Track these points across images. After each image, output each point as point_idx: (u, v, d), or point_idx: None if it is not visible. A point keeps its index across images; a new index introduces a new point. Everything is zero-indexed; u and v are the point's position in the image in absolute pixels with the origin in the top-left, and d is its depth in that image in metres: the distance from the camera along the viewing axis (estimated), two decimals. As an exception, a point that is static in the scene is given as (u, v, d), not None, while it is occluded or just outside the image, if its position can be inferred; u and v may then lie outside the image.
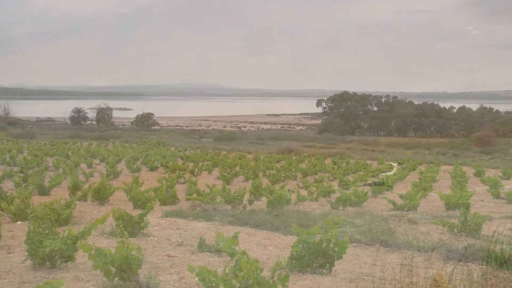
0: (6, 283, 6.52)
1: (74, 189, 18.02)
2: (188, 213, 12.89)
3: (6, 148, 39.69)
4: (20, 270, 7.12)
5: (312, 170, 30.60)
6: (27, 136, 66.85)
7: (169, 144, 58.45)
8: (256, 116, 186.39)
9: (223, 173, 26.17)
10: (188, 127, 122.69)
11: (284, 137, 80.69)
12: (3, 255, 8.10)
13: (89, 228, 7.15)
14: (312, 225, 10.82)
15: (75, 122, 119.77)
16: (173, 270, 7.12)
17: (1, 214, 12.54)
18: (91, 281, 6.55)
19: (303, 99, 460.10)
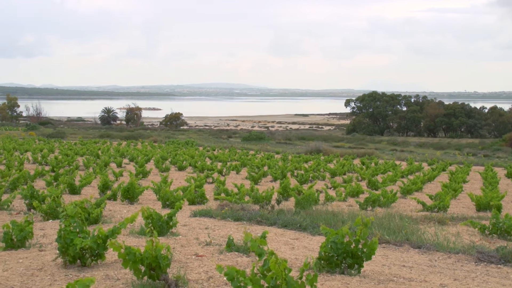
0: (38, 281, 6.62)
1: (104, 188, 18.19)
2: (216, 213, 12.92)
3: (38, 148, 40.25)
4: (52, 268, 7.21)
5: (340, 170, 30.45)
6: (58, 136, 67.75)
7: (197, 144, 58.70)
8: (284, 116, 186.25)
9: (251, 173, 26.16)
10: (217, 127, 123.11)
11: (312, 137, 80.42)
12: (35, 253, 8.22)
13: (118, 227, 7.21)
14: (340, 225, 10.77)
15: (105, 121, 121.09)
16: (201, 270, 7.15)
17: (33, 213, 12.75)
18: (121, 280, 6.60)
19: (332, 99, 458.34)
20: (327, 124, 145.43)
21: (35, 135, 66.65)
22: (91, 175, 20.71)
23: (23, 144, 44.75)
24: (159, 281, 6.27)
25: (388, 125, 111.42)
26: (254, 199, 16.30)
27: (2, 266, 7.32)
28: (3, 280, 6.59)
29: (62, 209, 7.79)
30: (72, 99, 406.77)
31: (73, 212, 7.42)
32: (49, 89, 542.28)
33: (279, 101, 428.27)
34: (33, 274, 6.89)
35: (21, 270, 7.07)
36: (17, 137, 58.66)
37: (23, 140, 53.78)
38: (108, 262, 7.58)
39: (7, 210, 13.49)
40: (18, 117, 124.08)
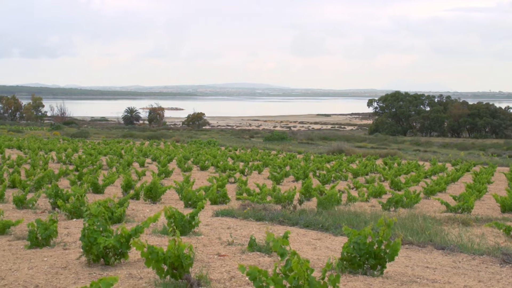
0: (62, 279, 6.69)
1: (127, 188, 18.31)
2: (238, 213, 12.94)
3: (62, 147, 40.66)
4: (76, 266, 7.28)
5: (363, 171, 30.30)
6: (82, 135, 68.42)
7: (219, 143, 58.85)
8: (306, 116, 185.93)
9: (273, 173, 26.15)
10: (239, 127, 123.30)
11: (335, 137, 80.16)
12: (60, 251, 8.30)
13: (141, 226, 7.26)
14: (363, 226, 10.72)
15: (128, 121, 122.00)
16: (223, 269, 7.16)
17: (57, 211, 12.88)
18: (144, 279, 6.65)
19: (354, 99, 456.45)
20: (349, 124, 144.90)
21: (59, 135, 67.37)
22: (114, 175, 20.86)
23: (47, 143, 45.25)
24: (182, 281, 6.30)
25: (411, 125, 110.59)
26: (276, 199, 16.29)
27: (28, 264, 7.41)
28: (28, 278, 6.67)
29: (86, 208, 7.87)
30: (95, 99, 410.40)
31: (97, 211, 7.48)
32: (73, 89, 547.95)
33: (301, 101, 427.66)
34: (57, 273, 6.97)
35: (46, 268, 7.15)
36: (42, 137, 59.38)
37: (48, 139, 54.39)
38: (131, 261, 7.64)
39: (32, 209, 13.65)
40: (43, 117, 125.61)
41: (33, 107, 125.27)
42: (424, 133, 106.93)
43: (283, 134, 78.44)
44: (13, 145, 42.12)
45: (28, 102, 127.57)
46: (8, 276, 6.77)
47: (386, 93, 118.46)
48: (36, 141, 48.88)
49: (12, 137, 54.46)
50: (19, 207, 13.64)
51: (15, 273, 6.93)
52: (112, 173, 22.24)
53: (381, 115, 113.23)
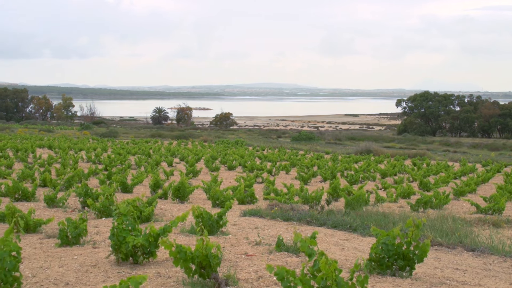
0: (92, 277, 6.76)
1: (155, 187, 18.44)
2: (266, 213, 12.94)
3: (92, 147, 41.12)
4: (105, 265, 7.36)
5: (391, 171, 30.07)
6: (111, 135, 69.12)
7: (247, 143, 58.94)
8: (334, 116, 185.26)
9: (300, 173, 26.10)
10: (266, 126, 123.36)
11: (363, 137, 79.71)
12: (89, 250, 8.40)
13: (170, 225, 7.30)
14: (391, 227, 10.64)
15: (156, 121, 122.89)
16: (251, 269, 7.17)
17: (87, 210, 13.03)
18: (172, 278, 6.68)
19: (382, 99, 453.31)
20: (377, 124, 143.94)
21: (89, 135, 68.13)
22: (143, 174, 21.02)
23: (77, 143, 45.81)
24: (209, 280, 6.32)
25: (441, 126, 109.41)
26: (304, 199, 16.26)
27: (58, 262, 7.51)
28: (59, 275, 6.76)
29: (115, 207, 7.94)
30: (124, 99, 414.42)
31: (126, 210, 7.54)
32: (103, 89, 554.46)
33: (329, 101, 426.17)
34: (87, 271, 7.04)
35: (76, 266, 7.24)
36: (72, 136, 60.12)
37: (78, 139, 55.07)
38: (159, 260, 7.69)
39: (62, 208, 13.83)
40: (73, 116, 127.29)
41: (64, 107, 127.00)
42: (454, 134, 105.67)
43: (310, 134, 78.25)
44: (44, 144, 42.72)
45: (59, 102, 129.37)
46: (40, 273, 6.87)
47: (415, 93, 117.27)
48: (66, 140, 49.51)
49: (43, 137, 55.25)
50: (50, 205, 13.83)
51: (46, 270, 7.03)
52: (141, 173, 22.42)
53: (410, 115, 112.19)
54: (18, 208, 10.40)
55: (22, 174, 19.79)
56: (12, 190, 14.86)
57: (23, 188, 14.98)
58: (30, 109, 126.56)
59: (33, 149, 34.63)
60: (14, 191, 14.87)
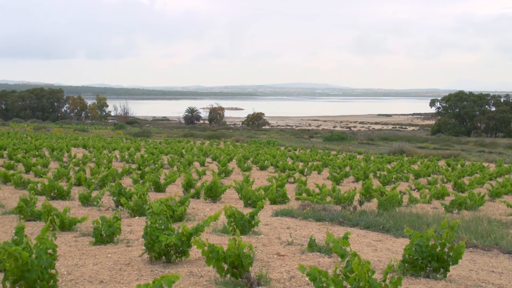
0: (125, 275, 6.83)
1: (188, 187, 18.55)
2: (298, 213, 12.91)
3: (125, 146, 41.56)
4: (138, 263, 7.43)
5: (424, 172, 29.74)
6: (144, 135, 69.77)
7: (279, 143, 58.90)
8: (366, 116, 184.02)
9: (333, 173, 25.98)
10: (298, 127, 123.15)
11: (396, 137, 78.94)
12: (123, 248, 8.49)
13: (202, 225, 7.33)
14: (425, 228, 10.53)
15: (189, 121, 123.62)
16: (283, 269, 7.16)
17: (120, 209, 13.18)
18: (204, 277, 6.71)
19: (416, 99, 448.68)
20: (411, 125, 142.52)
21: (122, 134, 68.89)
22: (175, 174, 21.16)
23: (111, 142, 46.35)
24: (242, 279, 6.33)
25: (476, 126, 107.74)
26: (336, 199, 16.19)
27: (93, 260, 7.61)
28: (93, 273, 6.85)
29: (148, 206, 8.02)
30: (157, 99, 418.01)
31: (159, 209, 7.61)
32: (136, 90, 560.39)
33: (362, 101, 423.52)
34: (121, 269, 7.12)
35: (110, 265, 7.32)
36: (106, 136, 60.86)
37: (111, 138, 55.72)
38: (192, 259, 7.73)
39: (97, 206, 14.00)
40: (106, 116, 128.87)
41: (98, 107, 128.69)
42: (489, 134, 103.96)
43: (343, 134, 77.80)
44: (79, 144, 43.33)
45: (93, 102, 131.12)
46: (75, 271, 6.97)
47: (449, 93, 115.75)
48: (101, 140, 50.14)
49: (78, 136, 56.05)
50: (84, 204, 14.03)
51: (81, 268, 7.13)
52: (173, 172, 22.58)
53: (444, 115, 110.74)
54: (54, 207, 10.56)
55: (58, 173, 20.10)
56: (48, 189, 15.11)
57: (58, 187, 15.22)
58: (65, 109, 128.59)
59: (68, 149, 35.17)
60: (50, 189, 15.12)
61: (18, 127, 76.88)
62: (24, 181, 17.79)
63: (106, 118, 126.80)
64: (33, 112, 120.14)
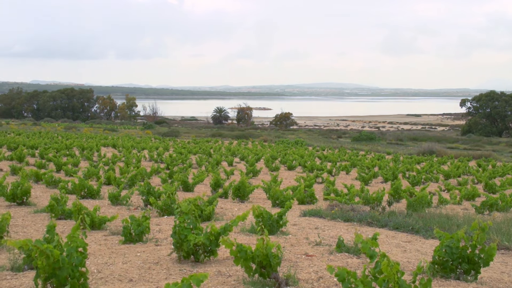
0: (154, 274, 6.88)
1: (216, 186, 18.61)
2: (326, 213, 12.87)
3: (154, 146, 41.86)
4: (167, 262, 7.48)
5: (455, 173, 29.39)
6: (173, 135, 70.19)
7: (307, 143, 58.76)
8: (395, 116, 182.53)
9: (361, 173, 25.82)
10: (326, 127, 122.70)
11: (425, 138, 78.19)
12: (152, 247, 8.55)
13: (230, 224, 7.35)
14: (455, 229, 10.40)
15: (217, 121, 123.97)
16: (311, 269, 7.14)
17: (149, 208, 13.28)
18: (232, 276, 6.73)
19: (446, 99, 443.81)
20: (440, 125, 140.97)
21: (151, 134, 69.40)
22: (204, 173, 21.24)
23: (140, 142, 46.72)
24: (270, 279, 6.33)
25: (507, 126, 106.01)
26: (364, 200, 16.08)
27: (122, 258, 7.68)
28: (123, 272, 6.91)
29: (176, 205, 8.05)
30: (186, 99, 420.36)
31: (187, 209, 7.64)
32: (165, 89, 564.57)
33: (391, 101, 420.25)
34: (150, 268, 7.18)
35: (139, 263, 7.38)
36: (135, 136, 61.39)
37: (140, 138, 56.16)
38: (220, 259, 7.75)
39: (126, 205, 14.13)
40: (136, 116, 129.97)
41: (127, 106, 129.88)
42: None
43: (371, 134, 77.28)
44: (108, 143, 43.77)
45: (122, 102, 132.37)
46: (104, 269, 7.04)
47: (480, 93, 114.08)
48: (130, 139, 50.59)
49: (108, 136, 56.62)
50: (114, 203, 14.17)
51: (110, 267, 7.20)
52: (202, 172, 22.67)
53: (474, 115, 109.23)
54: (84, 206, 10.69)
55: (88, 172, 20.34)
56: (78, 188, 15.30)
57: (88, 186, 15.41)
58: (95, 109, 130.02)
59: (98, 148, 35.55)
60: (80, 188, 15.31)
61: (49, 126, 78.01)
62: (55, 180, 18.05)
63: (135, 118, 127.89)
64: (64, 112, 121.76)
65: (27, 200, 13.86)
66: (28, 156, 30.07)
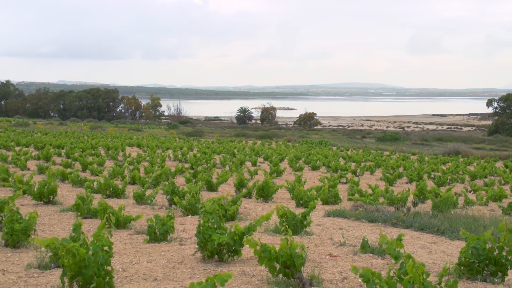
0: (179, 273, 6.91)
1: (240, 186, 18.63)
2: (350, 213, 12.81)
3: (178, 146, 42.06)
4: (191, 262, 7.50)
5: (481, 173, 29.05)
6: (197, 134, 70.46)
7: (331, 143, 58.56)
8: (420, 116, 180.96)
9: (386, 174, 25.66)
10: (350, 127, 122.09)
11: (451, 138, 77.38)
12: (176, 247, 8.59)
13: (254, 224, 7.35)
14: (481, 230, 10.29)
15: (241, 121, 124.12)
16: (335, 270, 7.11)
17: (174, 208, 13.35)
18: (256, 276, 6.73)
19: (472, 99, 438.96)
20: (466, 125, 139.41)
21: (175, 134, 69.74)
22: (228, 173, 21.28)
23: (164, 142, 46.98)
24: (294, 280, 6.32)
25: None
26: (389, 200, 15.98)
27: (147, 257, 7.73)
28: (147, 271, 6.96)
29: (201, 205, 8.09)
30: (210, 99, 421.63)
31: (212, 208, 7.66)
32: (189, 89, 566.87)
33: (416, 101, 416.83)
34: (174, 267, 7.21)
35: (163, 262, 7.42)
36: (159, 136, 61.75)
37: (165, 138, 56.48)
38: (244, 259, 7.76)
39: (150, 205, 14.22)
40: (160, 116, 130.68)
41: (152, 106, 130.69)
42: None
43: (396, 134, 76.71)
44: (133, 143, 44.09)
45: (147, 102, 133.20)
46: (129, 268, 7.10)
47: (507, 93, 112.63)
48: (154, 139, 50.91)
49: (132, 136, 57.06)
50: (139, 202, 14.26)
51: (135, 265, 7.25)
52: (226, 172, 22.72)
53: (501, 115, 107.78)
54: (109, 205, 10.78)
55: (113, 171, 20.51)
56: (104, 187, 15.44)
57: (113, 185, 15.54)
58: (120, 109, 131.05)
59: (123, 148, 35.85)
60: (106, 188, 15.45)
61: (75, 126, 78.84)
62: (80, 179, 18.24)
63: (159, 118, 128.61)
64: (89, 111, 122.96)
65: (54, 199, 14.02)
66: (55, 156, 30.42)
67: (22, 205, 13.38)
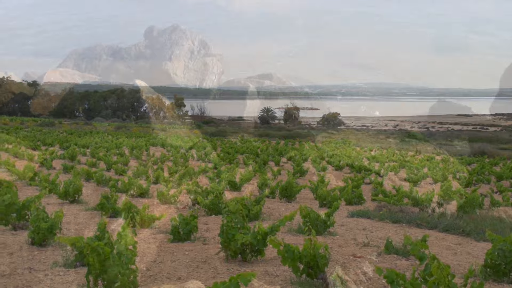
0: (202, 272, 6.94)
1: (263, 186, 18.62)
2: (374, 214, 12.73)
3: (202, 146, 42.23)
4: (214, 261, 7.52)
5: (507, 174, 28.67)
6: (220, 134, 70.67)
7: (354, 144, 58.30)
8: (445, 116, 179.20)
9: (410, 174, 25.46)
10: (374, 127, 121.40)
11: (476, 138, 76.52)
12: (199, 246, 8.62)
13: (278, 224, 7.35)
14: (508, 232, 10.14)
15: (264, 121, 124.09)
16: (359, 271, 7.08)
17: (197, 208, 13.40)
18: (280, 276, 6.73)
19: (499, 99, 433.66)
20: (492, 125, 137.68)
21: (199, 133, 69.99)
22: (251, 173, 21.28)
23: (188, 142, 47.18)
24: (317, 280, 6.31)
25: None
26: (413, 201, 15.84)
27: (170, 257, 7.77)
28: (171, 270, 6.99)
29: (224, 205, 8.11)
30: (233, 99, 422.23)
31: (235, 208, 7.69)
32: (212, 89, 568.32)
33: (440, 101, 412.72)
34: (197, 266, 7.24)
35: (187, 262, 7.46)
36: (183, 135, 62.02)
37: (189, 138, 56.71)
38: (267, 259, 7.76)
39: (174, 204, 14.29)
40: (184, 116, 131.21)
41: (175, 106, 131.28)
42: None
43: (420, 134, 76.10)
44: (157, 143, 44.37)
45: (171, 102, 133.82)
46: (153, 267, 7.14)
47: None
48: (178, 139, 51.14)
49: (156, 135, 57.40)
50: (162, 202, 14.34)
51: (159, 265, 7.29)
52: (249, 172, 22.73)
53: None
54: (134, 204, 10.86)
55: (137, 171, 20.66)
56: (128, 187, 15.55)
57: (138, 185, 15.64)
58: (144, 109, 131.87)
59: (147, 147, 36.11)
60: (130, 187, 15.56)
61: (100, 126, 79.58)
62: (105, 179, 18.39)
63: (183, 118, 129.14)
64: (114, 111, 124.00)
65: (79, 198, 14.17)
66: (80, 155, 30.73)
67: (48, 204, 13.54)
